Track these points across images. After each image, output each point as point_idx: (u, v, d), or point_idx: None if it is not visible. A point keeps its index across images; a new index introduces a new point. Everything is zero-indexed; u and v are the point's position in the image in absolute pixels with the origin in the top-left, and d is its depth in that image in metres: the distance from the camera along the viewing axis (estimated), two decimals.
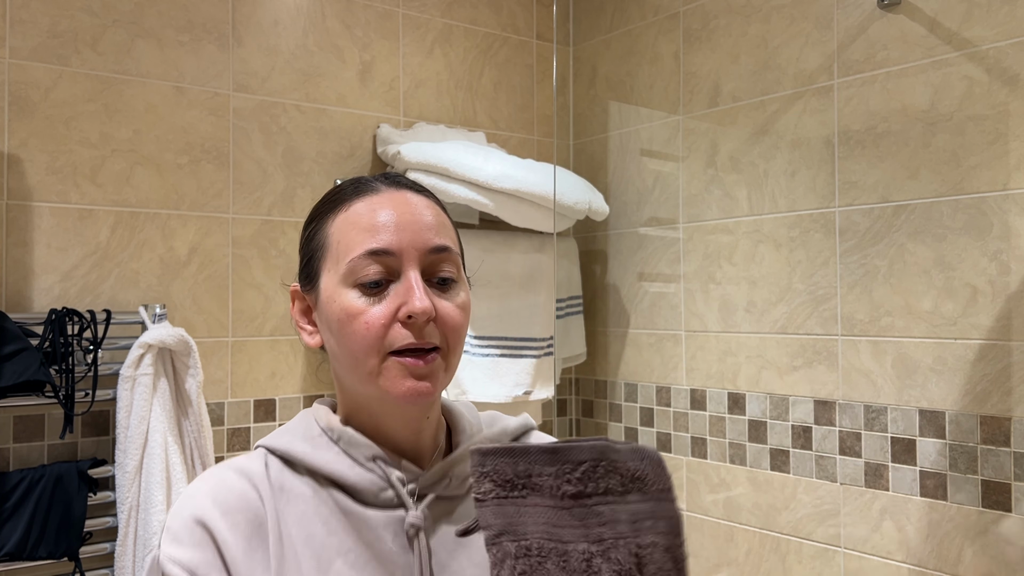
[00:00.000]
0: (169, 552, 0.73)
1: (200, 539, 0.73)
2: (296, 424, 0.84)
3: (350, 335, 0.76)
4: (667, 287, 2.28)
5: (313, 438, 0.81)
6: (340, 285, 0.78)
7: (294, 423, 0.84)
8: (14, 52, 1.76)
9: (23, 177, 1.76)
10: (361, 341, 0.75)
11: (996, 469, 1.63)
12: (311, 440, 0.80)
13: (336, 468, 0.78)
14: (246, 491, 0.77)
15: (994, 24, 1.64)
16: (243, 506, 0.75)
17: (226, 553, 0.73)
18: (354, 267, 0.77)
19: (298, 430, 0.82)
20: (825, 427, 1.90)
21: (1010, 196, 1.62)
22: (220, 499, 0.75)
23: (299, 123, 2.12)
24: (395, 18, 2.29)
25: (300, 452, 0.79)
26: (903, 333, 1.77)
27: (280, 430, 0.84)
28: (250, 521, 0.75)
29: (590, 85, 2.54)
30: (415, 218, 0.79)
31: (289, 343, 2.09)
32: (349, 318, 0.76)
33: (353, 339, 0.76)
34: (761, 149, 2.05)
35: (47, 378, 1.61)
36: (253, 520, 0.75)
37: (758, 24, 2.07)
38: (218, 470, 0.79)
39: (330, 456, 0.79)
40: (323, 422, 0.82)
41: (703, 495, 2.17)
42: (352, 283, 0.77)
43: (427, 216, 0.80)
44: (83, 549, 1.72)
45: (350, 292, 0.77)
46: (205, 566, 0.72)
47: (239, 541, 0.73)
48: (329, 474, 0.78)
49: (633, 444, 0.64)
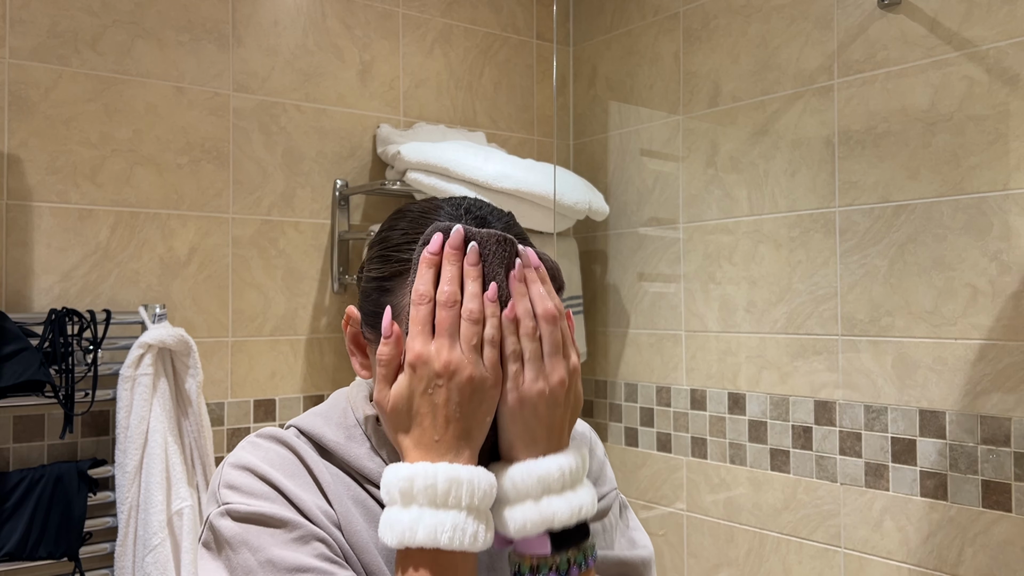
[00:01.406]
0: (244, 502, 0.70)
1: (270, 492, 0.71)
2: (330, 408, 0.81)
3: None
4: (667, 287, 2.28)
5: (348, 427, 0.79)
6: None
7: (328, 407, 0.82)
8: (14, 52, 1.76)
9: (23, 177, 1.76)
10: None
11: (996, 469, 1.63)
12: (345, 429, 0.79)
13: (366, 465, 0.77)
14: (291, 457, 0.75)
15: (994, 24, 1.64)
16: (295, 468, 0.74)
17: (296, 502, 0.71)
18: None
19: (332, 416, 0.80)
20: (825, 427, 1.90)
21: (1010, 196, 1.62)
22: (270, 461, 0.74)
23: (299, 123, 2.12)
24: (395, 18, 2.29)
25: (332, 441, 0.77)
26: (903, 333, 1.77)
27: (313, 412, 0.81)
28: (303, 477, 0.74)
29: (590, 85, 2.54)
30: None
31: (289, 343, 2.09)
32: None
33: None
34: (761, 149, 2.05)
35: (47, 378, 1.61)
36: (305, 477, 0.74)
37: (758, 24, 2.07)
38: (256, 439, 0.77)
39: (361, 452, 0.77)
40: (359, 412, 0.80)
41: (703, 495, 2.17)
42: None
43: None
44: (83, 549, 1.72)
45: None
46: (288, 511, 0.70)
47: (304, 493, 0.72)
48: (358, 469, 0.77)
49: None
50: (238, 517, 0.70)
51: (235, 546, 0.69)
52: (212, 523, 0.71)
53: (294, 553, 0.68)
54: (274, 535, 0.69)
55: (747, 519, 2.06)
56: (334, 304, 2.17)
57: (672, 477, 2.25)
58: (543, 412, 0.69)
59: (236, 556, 0.68)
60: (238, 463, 0.74)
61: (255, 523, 0.69)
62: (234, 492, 0.71)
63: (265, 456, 0.74)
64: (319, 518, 0.71)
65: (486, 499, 0.67)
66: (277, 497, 0.71)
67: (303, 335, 2.12)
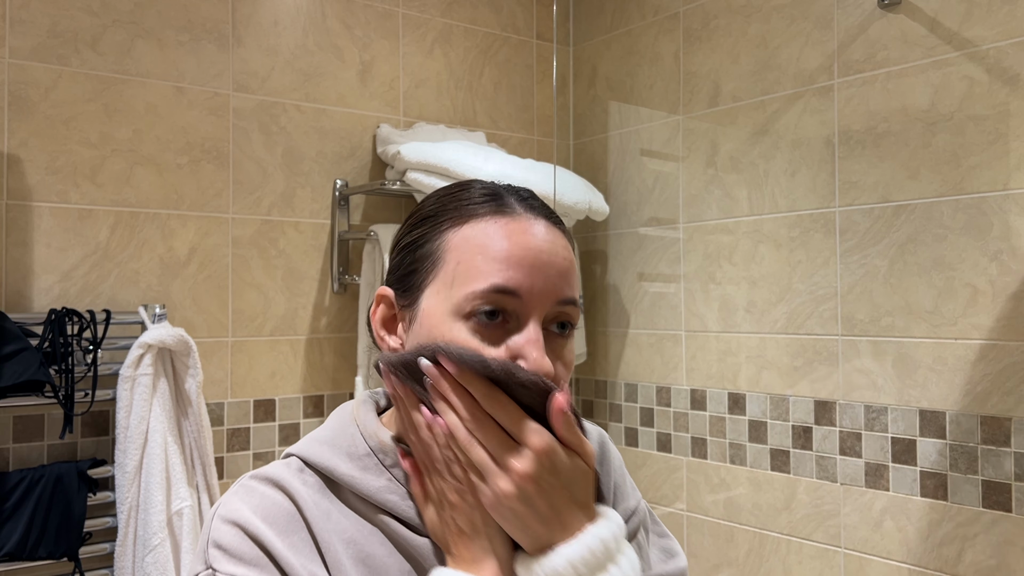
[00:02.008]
0: (230, 570, 0.67)
1: (259, 558, 0.68)
2: (336, 434, 0.76)
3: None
4: (667, 287, 2.28)
5: (360, 457, 0.73)
6: (450, 314, 0.69)
7: (333, 432, 0.76)
8: (14, 52, 1.76)
9: (23, 177, 1.76)
10: None
11: (996, 469, 1.63)
12: (358, 460, 0.73)
13: (387, 498, 0.72)
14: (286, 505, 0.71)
15: (994, 24, 1.64)
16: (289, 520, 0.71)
17: (285, 567, 0.68)
18: (474, 301, 0.68)
19: (340, 443, 0.75)
20: (825, 427, 1.90)
21: (1010, 196, 1.62)
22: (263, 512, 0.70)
23: (299, 123, 2.12)
24: (395, 18, 2.29)
25: (346, 475, 0.72)
26: (903, 333, 1.77)
27: (316, 438, 0.76)
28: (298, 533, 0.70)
29: (590, 85, 2.54)
30: (551, 260, 0.70)
31: (289, 343, 2.09)
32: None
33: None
34: (761, 149, 2.05)
35: (47, 378, 1.61)
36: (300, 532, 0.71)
37: (758, 24, 2.07)
38: (251, 483, 0.73)
39: (380, 484, 0.72)
40: (372, 439, 0.74)
41: (703, 495, 2.17)
42: (467, 315, 0.69)
43: (562, 260, 0.71)
44: (83, 549, 1.72)
45: (462, 326, 0.69)
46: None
47: (295, 556, 0.69)
48: (378, 503, 0.72)
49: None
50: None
51: None
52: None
53: None
54: None
55: (747, 519, 2.06)
56: (334, 304, 2.17)
57: (672, 477, 2.25)
58: (524, 506, 0.66)
59: None
60: (229, 517, 0.70)
61: None
62: (222, 555, 0.68)
63: (259, 505, 0.70)
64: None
65: None
66: (266, 563, 0.68)
67: (303, 335, 2.12)
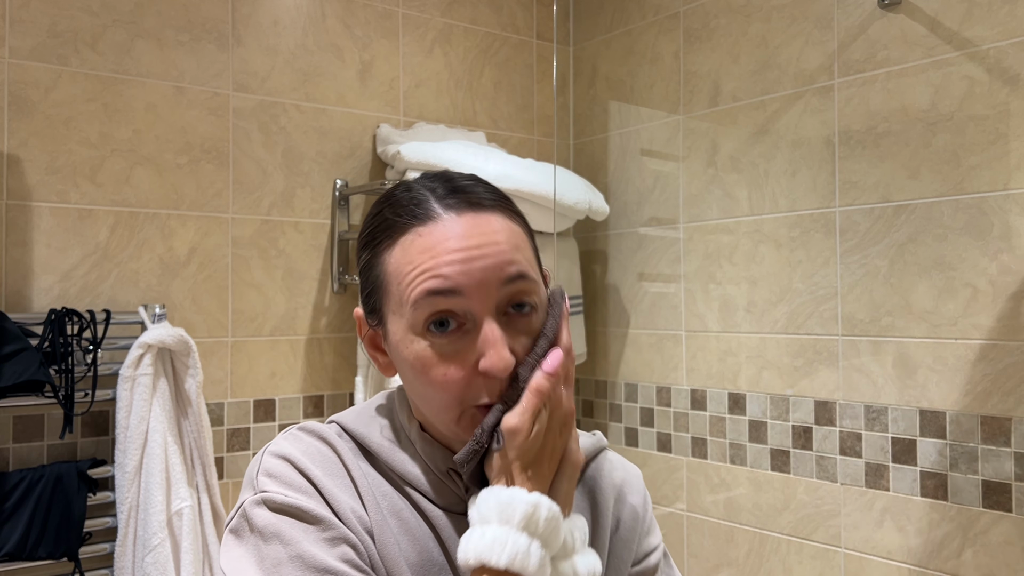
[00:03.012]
0: (281, 491, 0.70)
1: (307, 487, 0.71)
2: (376, 411, 0.81)
3: (427, 385, 0.71)
4: (667, 287, 2.28)
5: (395, 431, 0.79)
6: (408, 332, 0.72)
7: (373, 408, 0.81)
8: (14, 52, 1.76)
9: (23, 177, 1.76)
10: (441, 394, 0.71)
11: (996, 469, 1.63)
12: (389, 434, 0.78)
13: (410, 470, 0.76)
14: (331, 454, 0.75)
15: (994, 24, 1.64)
16: (334, 466, 0.74)
17: (331, 501, 0.71)
18: (417, 313, 0.70)
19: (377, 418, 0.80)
20: (825, 427, 1.90)
21: (1010, 196, 1.62)
22: (310, 455, 0.73)
23: (299, 123, 2.12)
24: (395, 18, 2.29)
25: (377, 444, 0.77)
26: (903, 333, 1.77)
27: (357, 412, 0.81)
28: (342, 478, 0.74)
29: (590, 85, 2.54)
30: (481, 248, 0.70)
31: (289, 343, 2.09)
32: (424, 369, 0.71)
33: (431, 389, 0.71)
34: (761, 149, 2.05)
35: (47, 378, 1.61)
36: (344, 477, 0.74)
37: (758, 24, 2.07)
38: (298, 433, 0.76)
39: (405, 457, 0.77)
40: (404, 417, 0.79)
41: (703, 495, 2.17)
42: (420, 331, 0.71)
43: (495, 243, 0.71)
44: (83, 549, 1.72)
45: (420, 341, 0.71)
46: (324, 509, 0.70)
47: (340, 493, 0.72)
48: (402, 475, 0.76)
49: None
50: (274, 507, 0.69)
51: (267, 536, 0.68)
52: (246, 510, 0.70)
53: (324, 553, 0.67)
54: (307, 531, 0.68)
55: (747, 519, 2.06)
56: (334, 304, 2.17)
57: (672, 477, 2.25)
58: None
59: (266, 546, 0.68)
60: (279, 452, 0.73)
61: (290, 516, 0.69)
62: (273, 481, 0.71)
63: (306, 450, 0.74)
64: (352, 522, 0.71)
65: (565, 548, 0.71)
66: (314, 493, 0.71)
67: (303, 335, 2.12)
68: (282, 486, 0.70)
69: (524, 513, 0.66)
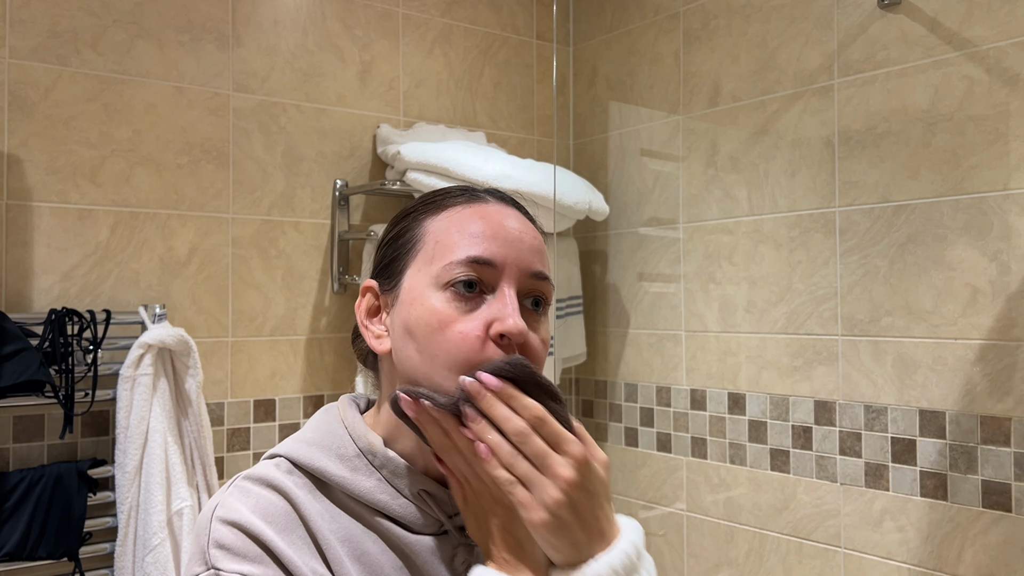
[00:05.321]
0: (234, 568, 0.67)
1: (261, 556, 0.68)
2: (323, 435, 0.77)
3: (440, 343, 0.70)
4: (667, 287, 2.28)
5: (350, 459, 0.75)
6: (430, 287, 0.72)
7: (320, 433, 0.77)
8: (14, 52, 1.76)
9: (23, 177, 1.76)
10: (454, 351, 0.69)
11: (996, 469, 1.63)
12: (348, 461, 0.74)
13: (379, 498, 0.73)
14: (282, 505, 0.71)
15: (994, 24, 1.64)
16: (287, 520, 0.71)
17: (288, 565, 0.68)
18: (453, 271, 0.71)
19: (329, 445, 0.75)
20: (825, 427, 1.90)
21: (1010, 196, 1.62)
22: (261, 512, 0.70)
23: (299, 123, 2.12)
24: (395, 18, 2.29)
25: (336, 476, 0.73)
26: (903, 333, 1.77)
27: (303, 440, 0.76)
28: (296, 531, 0.71)
29: (590, 85, 2.54)
30: (522, 236, 0.75)
31: (289, 343, 2.09)
32: (440, 324, 0.70)
33: (444, 347, 0.70)
34: (761, 149, 2.05)
35: (47, 378, 1.61)
36: (299, 530, 0.71)
37: (758, 24, 2.07)
38: (244, 484, 0.73)
39: (371, 484, 0.74)
40: (361, 441, 0.75)
41: (703, 495, 2.17)
42: (444, 285, 0.72)
43: (534, 239, 0.76)
44: (83, 549, 1.72)
45: (441, 295, 0.72)
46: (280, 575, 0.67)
47: (296, 554, 0.69)
48: (370, 503, 0.73)
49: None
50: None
51: None
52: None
53: None
54: None
55: (747, 519, 2.06)
56: (334, 304, 2.17)
57: (672, 477, 2.25)
58: (570, 516, 0.66)
59: None
60: (228, 518, 0.69)
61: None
62: (224, 553, 0.67)
63: (256, 506, 0.70)
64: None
65: None
66: (269, 562, 0.68)
67: (303, 335, 2.12)
68: (235, 559, 0.67)
69: None
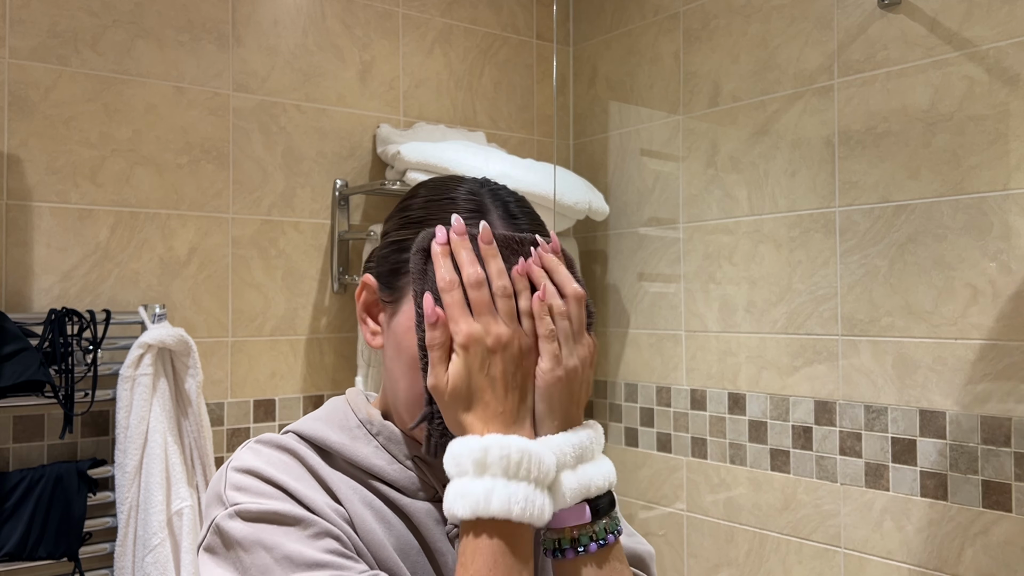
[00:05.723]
0: (254, 502, 0.69)
1: (279, 494, 0.70)
2: (329, 413, 0.81)
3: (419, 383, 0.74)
4: (667, 287, 2.28)
5: (350, 429, 0.79)
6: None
7: (325, 412, 0.82)
8: (14, 52, 1.76)
9: (23, 177, 1.76)
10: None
11: (996, 469, 1.63)
12: (348, 431, 0.79)
13: (375, 463, 0.77)
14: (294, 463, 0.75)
15: (994, 24, 1.64)
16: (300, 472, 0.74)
17: (305, 501, 0.71)
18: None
19: (333, 419, 0.80)
20: (825, 427, 1.90)
21: (1010, 196, 1.62)
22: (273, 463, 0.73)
23: (299, 123, 2.12)
24: (395, 18, 2.29)
25: (336, 443, 0.77)
26: (903, 333, 1.77)
27: (310, 418, 0.81)
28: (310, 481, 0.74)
29: (590, 85, 2.54)
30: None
31: (289, 343, 2.09)
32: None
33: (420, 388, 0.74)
34: (761, 149, 2.05)
35: (47, 378, 1.61)
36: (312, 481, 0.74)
37: (758, 24, 2.07)
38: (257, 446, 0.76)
39: (368, 450, 0.78)
40: (362, 413, 0.80)
41: (703, 495, 2.17)
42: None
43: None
44: (83, 549, 1.72)
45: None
46: (299, 508, 0.70)
47: (314, 493, 0.72)
48: (367, 468, 0.77)
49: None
50: (249, 517, 0.68)
51: (248, 546, 0.67)
52: (219, 526, 0.69)
53: (310, 549, 0.67)
54: (288, 532, 0.68)
55: (747, 519, 2.06)
56: (334, 304, 2.17)
57: (672, 477, 2.25)
58: (574, 389, 0.72)
59: (249, 556, 0.67)
60: (241, 467, 0.73)
61: (268, 521, 0.68)
62: (242, 493, 0.70)
63: (268, 460, 0.74)
64: (330, 515, 0.71)
65: (549, 474, 0.68)
66: (285, 497, 0.70)
67: (303, 335, 2.12)
68: (253, 496, 0.70)
69: (474, 460, 0.66)
